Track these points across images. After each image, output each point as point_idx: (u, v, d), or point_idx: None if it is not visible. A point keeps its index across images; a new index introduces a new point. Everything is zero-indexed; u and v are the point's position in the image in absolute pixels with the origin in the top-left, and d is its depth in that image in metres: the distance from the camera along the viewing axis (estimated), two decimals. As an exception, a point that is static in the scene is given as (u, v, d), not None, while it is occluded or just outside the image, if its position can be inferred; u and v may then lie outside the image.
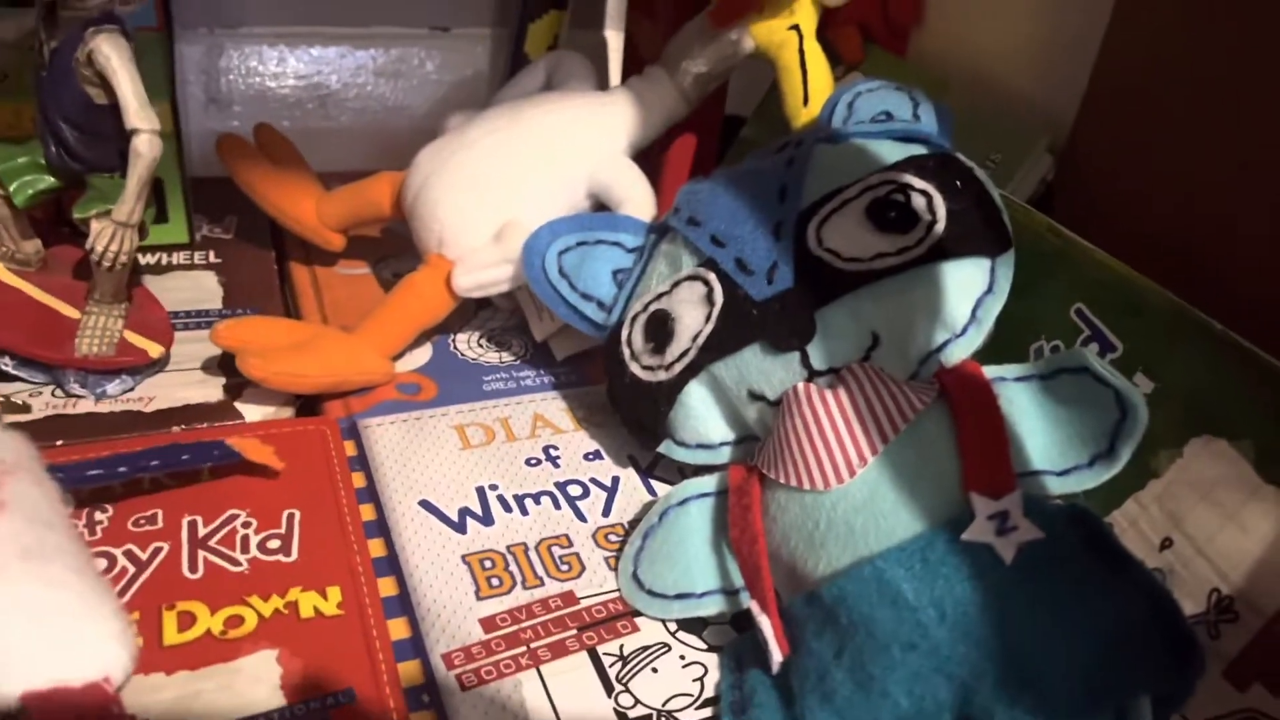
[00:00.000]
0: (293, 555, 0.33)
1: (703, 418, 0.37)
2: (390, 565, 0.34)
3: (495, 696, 0.30)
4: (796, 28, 0.45)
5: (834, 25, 0.49)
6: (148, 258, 0.50)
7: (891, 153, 0.36)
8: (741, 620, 0.33)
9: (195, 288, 0.49)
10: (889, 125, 0.38)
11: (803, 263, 0.34)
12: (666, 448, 0.38)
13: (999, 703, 0.26)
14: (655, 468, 0.41)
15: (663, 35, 0.51)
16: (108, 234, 0.38)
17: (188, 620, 0.30)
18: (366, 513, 0.36)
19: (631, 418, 0.39)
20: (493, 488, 0.38)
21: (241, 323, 0.41)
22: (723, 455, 0.37)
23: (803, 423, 0.32)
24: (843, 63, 0.52)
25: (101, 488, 0.33)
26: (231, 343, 0.40)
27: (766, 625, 0.30)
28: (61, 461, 0.29)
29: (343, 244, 0.51)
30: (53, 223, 0.46)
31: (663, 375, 0.36)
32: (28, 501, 0.25)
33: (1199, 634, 0.27)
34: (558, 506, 0.38)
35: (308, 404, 0.43)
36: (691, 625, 0.34)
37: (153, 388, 0.41)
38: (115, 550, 0.32)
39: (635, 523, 0.37)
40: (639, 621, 0.33)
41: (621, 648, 0.32)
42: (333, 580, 0.33)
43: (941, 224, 0.32)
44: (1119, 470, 0.29)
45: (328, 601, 0.32)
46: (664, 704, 0.31)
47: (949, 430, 0.30)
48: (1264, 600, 0.28)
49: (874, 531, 0.29)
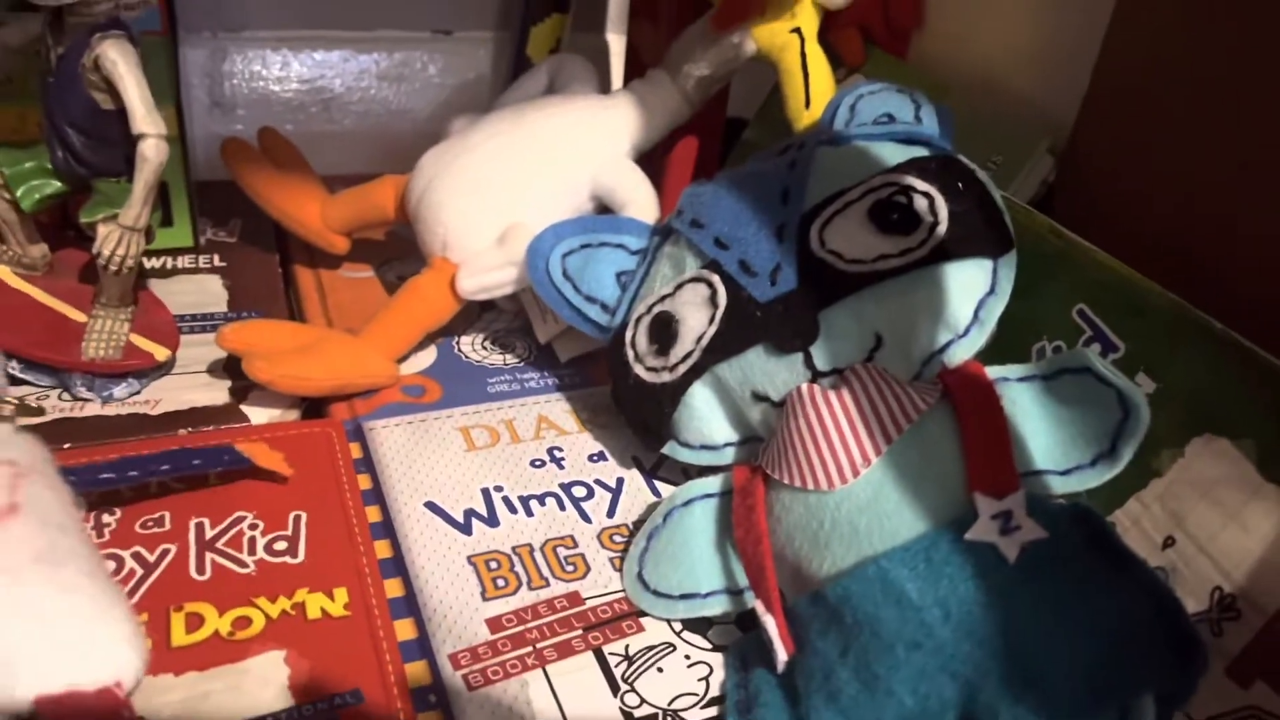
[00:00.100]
0: (299, 557, 0.34)
1: (706, 419, 0.37)
2: (396, 566, 0.34)
3: (502, 697, 0.30)
4: (798, 30, 0.45)
5: (835, 28, 0.50)
6: (153, 261, 0.51)
7: (893, 155, 0.36)
8: (746, 620, 0.33)
9: (200, 291, 0.49)
10: (891, 127, 0.38)
11: (806, 264, 0.34)
12: (671, 449, 0.38)
13: (1003, 701, 0.26)
14: (659, 469, 0.41)
15: (665, 38, 0.51)
16: (114, 238, 0.39)
17: (195, 622, 0.31)
18: (372, 514, 0.36)
19: (636, 419, 0.39)
20: (498, 489, 0.38)
21: (247, 326, 0.41)
22: (727, 456, 0.37)
23: (806, 423, 0.32)
24: (844, 65, 0.52)
25: (109, 490, 0.34)
26: (237, 346, 0.40)
27: (771, 625, 0.30)
28: (73, 464, 0.29)
29: (347, 247, 0.51)
30: (58, 227, 0.47)
31: (667, 377, 0.37)
32: (41, 504, 0.25)
33: (1202, 632, 0.27)
34: (563, 507, 0.38)
35: (313, 406, 0.43)
36: (696, 625, 0.34)
37: (159, 390, 0.41)
38: (123, 552, 0.32)
39: (640, 523, 0.37)
40: (644, 621, 0.34)
41: (627, 648, 0.32)
42: (339, 581, 0.33)
43: (943, 225, 0.33)
44: (1121, 470, 0.29)
45: (334, 603, 0.32)
46: (669, 703, 0.31)
47: (952, 431, 0.30)
48: (1266, 598, 0.28)
49: (878, 531, 0.29)
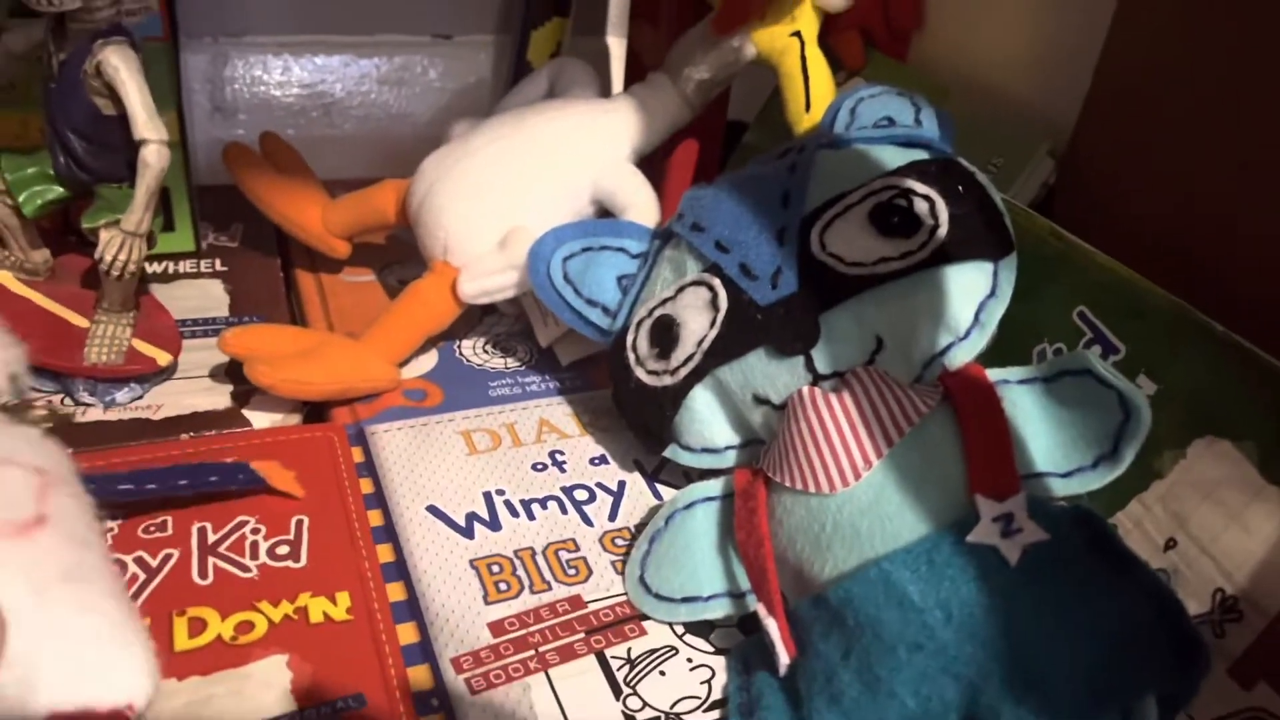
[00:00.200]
0: (302, 561, 0.34)
1: (708, 422, 0.37)
2: (399, 570, 0.34)
3: (504, 700, 0.30)
4: (798, 34, 0.45)
5: (835, 31, 0.50)
6: (155, 266, 0.51)
7: (894, 158, 0.36)
8: (748, 623, 0.33)
9: (202, 296, 0.49)
10: (891, 131, 0.38)
11: (806, 267, 0.35)
12: (672, 452, 0.38)
13: (1005, 703, 0.26)
14: (661, 472, 0.41)
15: (665, 42, 0.51)
16: (116, 243, 0.39)
17: (198, 626, 0.31)
18: (375, 518, 0.36)
19: (637, 422, 0.39)
20: (500, 493, 0.38)
21: (249, 330, 0.42)
22: (728, 459, 0.37)
23: (808, 426, 0.32)
24: (844, 68, 0.52)
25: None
26: (239, 350, 0.40)
27: (773, 628, 0.30)
28: (93, 472, 0.29)
29: (348, 251, 0.51)
30: (60, 232, 0.47)
31: (668, 380, 0.37)
32: (68, 517, 0.25)
33: (1204, 633, 0.27)
34: (564, 511, 0.38)
35: (315, 411, 0.43)
36: (699, 628, 0.34)
37: (161, 395, 0.41)
38: (126, 557, 0.32)
39: (642, 527, 0.37)
40: (646, 625, 0.34)
41: (629, 651, 0.32)
42: (342, 586, 0.33)
43: (944, 228, 0.33)
44: (1123, 472, 0.29)
45: (337, 607, 0.32)
46: (672, 706, 0.31)
47: (953, 433, 0.31)
48: (1267, 600, 0.28)
49: (880, 534, 0.29)
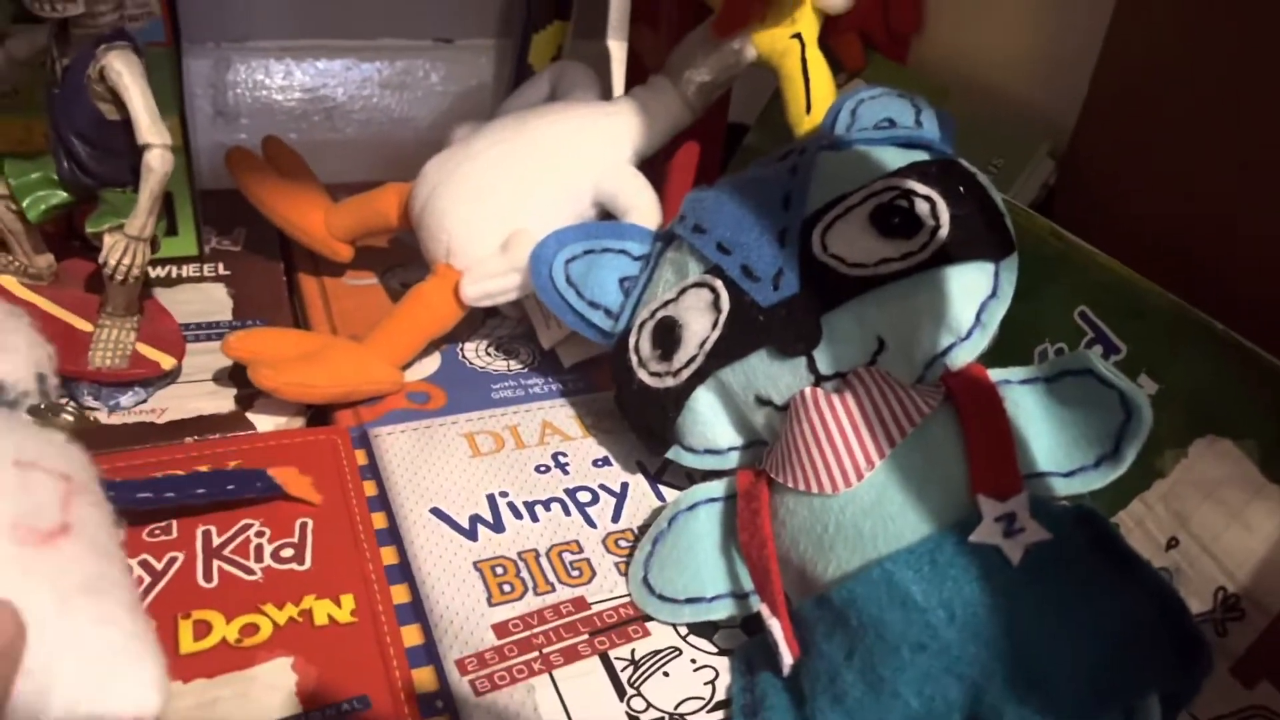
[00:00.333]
0: (306, 564, 0.34)
1: (710, 423, 0.37)
2: (403, 572, 0.34)
3: (508, 702, 0.30)
4: (799, 36, 0.45)
5: (835, 33, 0.50)
6: (158, 270, 0.51)
7: (894, 159, 0.36)
8: (752, 623, 0.34)
9: (205, 300, 0.49)
10: (892, 132, 0.38)
11: (808, 269, 0.35)
12: (675, 453, 0.38)
13: (1008, 702, 0.26)
14: (664, 473, 0.41)
15: (666, 45, 0.51)
16: (120, 248, 0.39)
17: (203, 629, 0.31)
18: (378, 521, 0.37)
19: (640, 424, 0.39)
20: (503, 495, 0.38)
21: (252, 334, 0.42)
22: (731, 460, 0.37)
23: (810, 427, 0.32)
24: (844, 70, 0.52)
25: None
26: (242, 354, 0.40)
27: (777, 628, 0.30)
28: (112, 479, 0.29)
29: (350, 255, 0.51)
30: (64, 237, 0.47)
31: (670, 382, 0.37)
32: (90, 526, 0.25)
33: (1206, 632, 0.27)
34: (568, 513, 0.38)
35: (318, 413, 0.43)
36: (702, 629, 0.34)
37: (165, 399, 0.41)
38: (132, 560, 0.32)
39: (645, 528, 0.38)
40: (650, 626, 0.34)
41: (633, 652, 0.33)
42: (346, 588, 0.33)
43: (945, 229, 0.33)
44: (1124, 471, 0.29)
45: (341, 609, 0.32)
46: (676, 707, 0.31)
47: (955, 433, 0.31)
48: (1269, 598, 0.28)
49: (882, 534, 0.30)
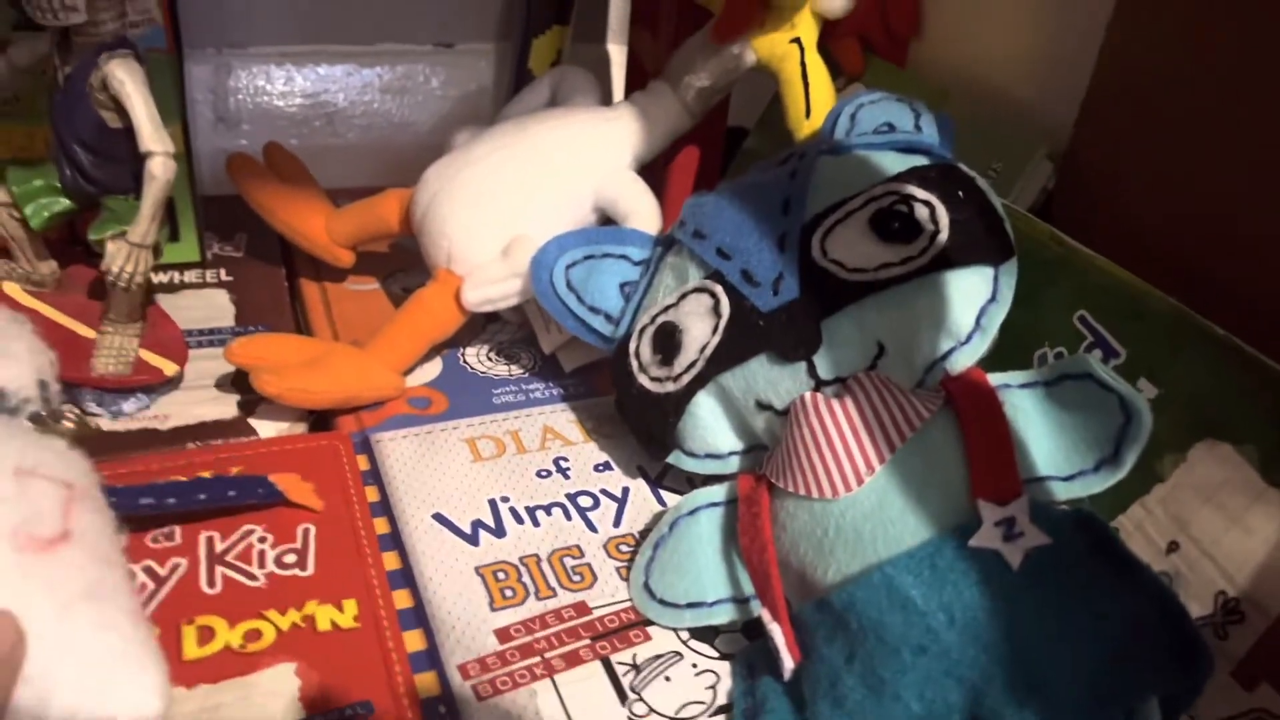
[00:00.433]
0: (309, 569, 0.34)
1: (711, 428, 0.37)
2: (405, 578, 0.35)
3: (511, 707, 0.30)
4: (798, 40, 0.45)
5: (835, 37, 0.50)
6: (160, 276, 0.51)
7: (894, 164, 0.36)
8: (753, 628, 0.34)
9: (207, 306, 0.50)
10: (891, 136, 0.38)
11: (808, 274, 0.35)
12: (675, 458, 0.38)
13: (1008, 706, 0.26)
14: (664, 478, 0.41)
15: (665, 50, 0.52)
16: (123, 255, 0.39)
17: (207, 635, 0.31)
18: (380, 526, 0.37)
19: (640, 429, 0.39)
20: (504, 500, 0.39)
21: (254, 340, 0.42)
22: (731, 465, 0.37)
23: (810, 432, 0.32)
24: (843, 74, 0.52)
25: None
26: (245, 360, 0.40)
27: (777, 632, 0.30)
28: (114, 485, 0.29)
29: (352, 260, 0.52)
30: (67, 243, 0.47)
31: (671, 387, 0.37)
32: (91, 533, 0.25)
33: (1206, 636, 0.28)
34: (569, 518, 0.38)
35: (320, 419, 0.43)
36: (703, 633, 0.34)
37: (168, 405, 0.42)
38: (135, 567, 0.33)
39: (646, 533, 0.38)
40: (651, 630, 0.34)
41: (634, 657, 0.33)
42: (349, 593, 0.33)
43: (944, 234, 0.33)
44: (1124, 475, 0.29)
45: (344, 614, 0.32)
46: (677, 712, 0.31)
47: (955, 437, 0.31)
48: (1269, 601, 0.28)
49: (883, 538, 0.30)
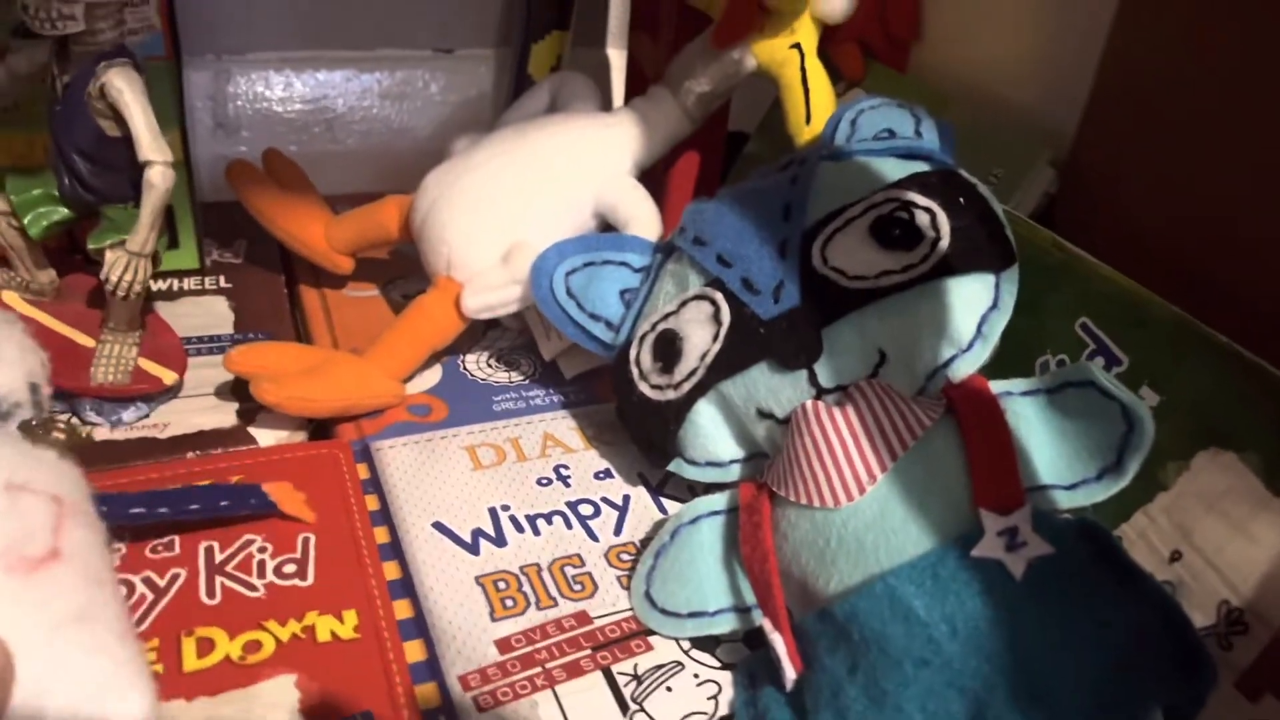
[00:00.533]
0: (309, 579, 0.34)
1: (712, 436, 0.37)
2: (405, 588, 0.34)
3: (512, 718, 0.30)
4: (798, 46, 0.45)
5: (835, 42, 0.50)
6: (159, 283, 0.51)
7: (894, 170, 0.36)
8: (755, 638, 0.34)
9: (206, 313, 0.49)
10: (892, 142, 0.38)
11: (808, 281, 0.35)
12: (676, 466, 0.38)
13: (1011, 715, 0.26)
14: (665, 486, 0.41)
15: (665, 55, 0.51)
16: (122, 264, 0.39)
17: (206, 646, 0.31)
18: (381, 535, 0.37)
19: (641, 436, 0.39)
20: (505, 508, 0.38)
21: (254, 348, 0.42)
22: (732, 473, 0.37)
23: (812, 440, 0.32)
24: (844, 79, 0.52)
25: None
26: (244, 368, 0.40)
27: (779, 643, 0.30)
28: (106, 492, 0.29)
29: (351, 267, 0.51)
30: (65, 252, 0.47)
31: (671, 394, 0.37)
32: (82, 550, 0.25)
33: (1210, 646, 0.27)
34: (569, 526, 0.38)
35: (320, 427, 0.43)
36: (705, 643, 0.34)
37: (167, 414, 0.41)
38: (134, 578, 0.33)
39: (647, 541, 0.38)
40: (652, 640, 0.34)
41: (636, 667, 0.32)
42: (349, 604, 0.33)
43: (946, 240, 0.33)
44: (1127, 483, 0.29)
45: (344, 625, 0.32)
46: (679, 722, 0.31)
47: (957, 446, 0.31)
48: (1273, 611, 0.28)
49: (884, 548, 0.29)
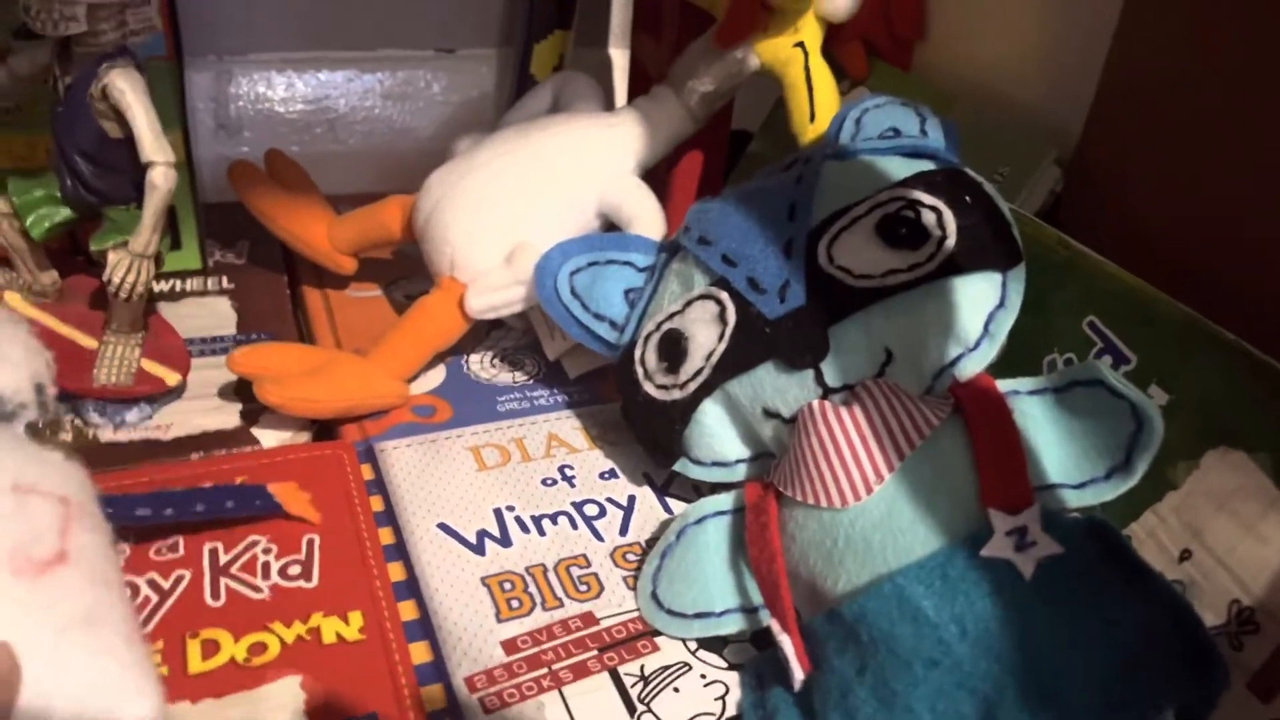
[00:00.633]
0: (313, 581, 0.34)
1: (718, 436, 0.37)
2: (410, 589, 0.34)
3: (518, 719, 0.30)
4: (802, 45, 0.45)
5: (839, 41, 0.50)
6: (162, 284, 0.51)
7: (900, 169, 0.36)
8: (762, 638, 0.33)
9: (209, 314, 0.49)
10: (897, 141, 0.38)
11: (814, 280, 0.34)
12: (682, 466, 0.38)
13: (1021, 715, 0.26)
14: (671, 485, 0.41)
15: (668, 54, 0.51)
16: (124, 265, 0.39)
17: (211, 648, 0.31)
18: (385, 536, 0.36)
19: (646, 436, 0.39)
20: (510, 509, 0.38)
21: (257, 349, 0.42)
22: (739, 473, 0.37)
23: (819, 440, 0.32)
24: (848, 78, 0.52)
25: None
26: (248, 369, 0.40)
27: (787, 643, 0.30)
28: (112, 493, 0.29)
29: (354, 267, 0.51)
30: (68, 253, 0.47)
31: (677, 394, 0.36)
32: (89, 552, 0.25)
33: (1220, 646, 0.27)
34: (575, 526, 0.38)
35: (324, 428, 0.43)
36: (712, 644, 0.34)
37: (170, 415, 0.41)
38: (138, 579, 0.32)
39: (653, 541, 0.37)
40: (659, 641, 0.33)
41: (642, 668, 0.32)
42: (354, 605, 0.33)
43: (952, 239, 0.33)
44: (1136, 482, 0.29)
45: (349, 626, 0.32)
46: (686, 724, 0.31)
47: (965, 445, 0.30)
48: (1285, 611, 0.28)
49: (892, 548, 0.29)
